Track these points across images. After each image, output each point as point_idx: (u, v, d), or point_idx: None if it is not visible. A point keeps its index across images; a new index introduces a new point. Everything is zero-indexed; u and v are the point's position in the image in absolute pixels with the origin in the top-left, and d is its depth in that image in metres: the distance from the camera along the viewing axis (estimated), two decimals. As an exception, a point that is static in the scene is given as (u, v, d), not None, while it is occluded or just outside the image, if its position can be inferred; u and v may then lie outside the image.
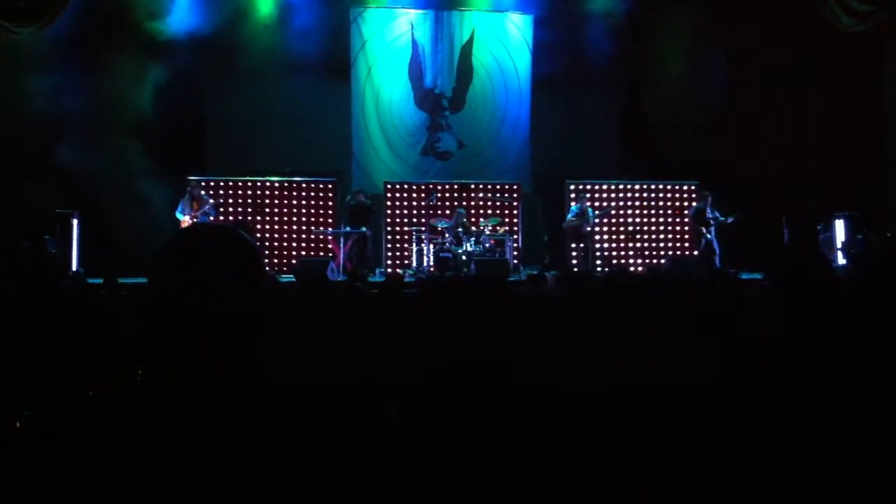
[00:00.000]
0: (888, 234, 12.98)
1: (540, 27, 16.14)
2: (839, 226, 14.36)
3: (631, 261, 15.55)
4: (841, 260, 13.97)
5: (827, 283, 3.19)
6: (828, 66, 14.95)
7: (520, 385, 2.44)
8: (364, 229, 14.04)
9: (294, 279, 10.55)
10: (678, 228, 15.80)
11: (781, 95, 15.31)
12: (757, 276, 10.20)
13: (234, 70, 15.00)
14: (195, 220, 13.16)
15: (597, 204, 15.18)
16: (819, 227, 14.71)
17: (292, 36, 15.20)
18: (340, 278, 12.36)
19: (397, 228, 15.21)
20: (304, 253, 14.83)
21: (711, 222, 14.11)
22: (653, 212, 15.81)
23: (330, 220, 14.89)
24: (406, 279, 11.23)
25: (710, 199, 14.25)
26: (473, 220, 14.71)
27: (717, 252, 14.06)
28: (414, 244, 14.31)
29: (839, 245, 14.26)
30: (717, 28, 14.99)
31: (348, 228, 13.98)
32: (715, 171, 14.93)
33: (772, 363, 2.57)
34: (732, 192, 14.37)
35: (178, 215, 13.28)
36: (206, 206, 13.44)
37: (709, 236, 14.09)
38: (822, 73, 15.00)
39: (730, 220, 13.92)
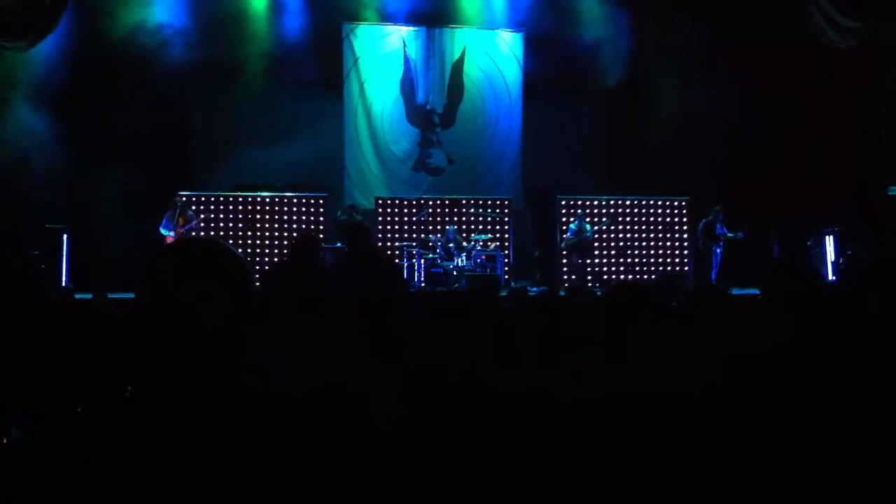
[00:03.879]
0: (876, 248, 13.03)
1: (530, 44, 16.24)
2: (829, 242, 14.41)
3: (622, 276, 15.54)
4: (831, 276, 14.01)
5: (819, 297, 3.20)
6: (817, 83, 15.03)
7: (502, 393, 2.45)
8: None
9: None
10: (668, 244, 15.81)
11: (771, 111, 15.37)
12: (747, 291, 10.21)
13: (226, 85, 14.98)
14: (180, 235, 13.10)
15: (587, 219, 15.14)
16: (809, 243, 14.76)
17: (285, 51, 15.24)
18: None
19: (389, 244, 15.18)
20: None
21: (720, 238, 14.15)
22: (644, 227, 15.83)
23: (321, 236, 14.83)
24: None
25: (720, 214, 14.29)
26: (465, 235, 14.69)
27: (716, 268, 14.12)
28: (405, 259, 14.28)
29: (830, 260, 14.30)
30: (708, 45, 15.05)
31: (339, 245, 13.94)
32: (705, 187, 14.98)
33: (767, 377, 2.57)
34: (726, 209, 14.45)
35: (163, 231, 13.19)
36: (192, 223, 13.36)
37: (718, 251, 14.14)
38: (812, 89, 15.08)
39: (739, 235, 13.98)
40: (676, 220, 15.81)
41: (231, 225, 14.82)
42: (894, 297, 3.11)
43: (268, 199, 15.06)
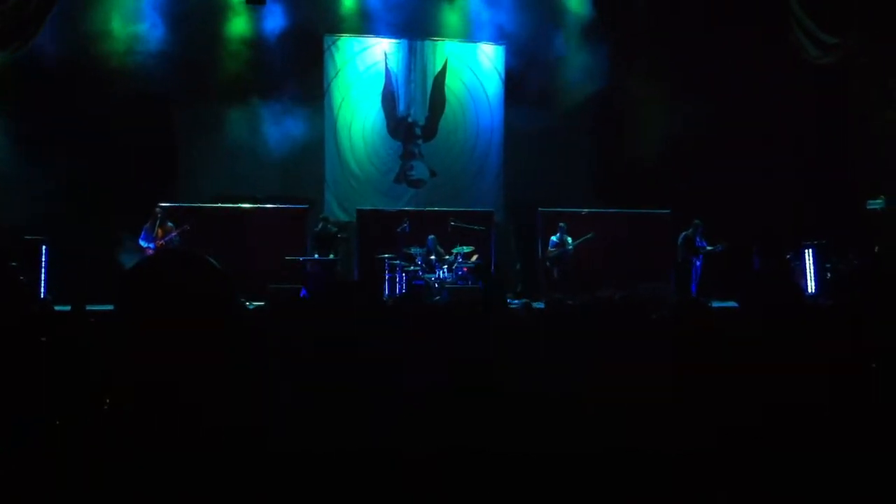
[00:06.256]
0: (856, 262, 13.12)
1: (512, 57, 16.30)
2: (808, 255, 14.50)
3: (603, 289, 15.48)
4: (811, 289, 14.11)
5: (799, 309, 3.23)
6: (797, 98, 15.16)
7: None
8: (332, 256, 14.00)
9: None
10: (650, 256, 15.81)
11: (751, 126, 15.46)
12: (727, 304, 10.26)
13: (208, 97, 14.96)
14: (160, 247, 12.98)
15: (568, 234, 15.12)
16: (788, 256, 14.85)
17: (266, 63, 15.27)
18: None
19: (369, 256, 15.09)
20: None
21: (700, 251, 14.23)
22: (625, 240, 15.81)
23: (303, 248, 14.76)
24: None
25: (700, 227, 14.37)
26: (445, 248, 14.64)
27: (696, 281, 14.19)
28: (386, 272, 14.23)
29: (809, 274, 14.39)
30: (690, 61, 15.16)
31: (317, 256, 13.94)
32: (687, 200, 15.04)
33: (746, 389, 2.59)
34: (706, 223, 14.54)
35: (142, 242, 13.08)
36: (172, 234, 13.24)
37: (697, 264, 14.22)
38: (792, 104, 15.20)
39: (718, 248, 14.07)
40: (657, 233, 15.81)
41: (213, 236, 14.67)
42: (889, 310, 3.15)
43: (248, 211, 14.99)
